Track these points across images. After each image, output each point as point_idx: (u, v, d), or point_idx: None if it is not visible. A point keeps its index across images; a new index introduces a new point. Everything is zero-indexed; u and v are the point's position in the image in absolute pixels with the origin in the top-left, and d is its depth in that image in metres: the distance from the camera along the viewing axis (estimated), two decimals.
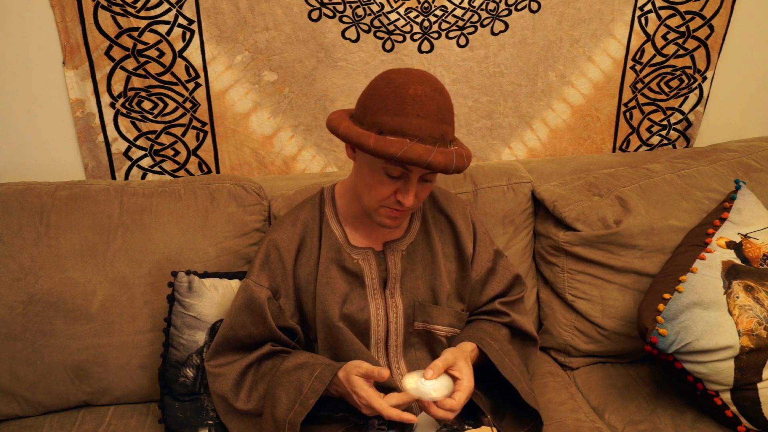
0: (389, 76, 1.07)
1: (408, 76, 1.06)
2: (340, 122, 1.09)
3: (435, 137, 1.03)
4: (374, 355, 1.23)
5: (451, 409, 1.05)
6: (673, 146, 1.91)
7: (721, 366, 1.25)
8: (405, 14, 1.58)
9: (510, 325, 1.31)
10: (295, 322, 1.23)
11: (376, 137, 1.03)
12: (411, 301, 1.24)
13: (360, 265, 1.22)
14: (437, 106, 1.04)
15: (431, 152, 1.01)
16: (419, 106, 1.02)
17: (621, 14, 1.69)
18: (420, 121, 1.02)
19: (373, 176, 1.11)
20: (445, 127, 1.06)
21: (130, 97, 1.56)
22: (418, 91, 1.03)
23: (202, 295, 1.33)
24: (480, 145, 1.77)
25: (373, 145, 1.02)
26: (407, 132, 1.02)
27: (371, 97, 1.07)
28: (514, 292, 1.35)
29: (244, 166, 1.69)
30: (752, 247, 1.40)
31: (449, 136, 1.07)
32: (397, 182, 1.09)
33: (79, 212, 1.41)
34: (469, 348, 1.17)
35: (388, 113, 1.03)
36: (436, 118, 1.04)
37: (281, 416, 1.08)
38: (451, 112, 1.08)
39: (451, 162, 1.03)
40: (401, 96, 1.03)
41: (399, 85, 1.04)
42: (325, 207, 1.26)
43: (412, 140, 1.02)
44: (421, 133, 1.02)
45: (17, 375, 1.35)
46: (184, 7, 1.50)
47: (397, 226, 1.18)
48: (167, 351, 1.33)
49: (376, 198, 1.12)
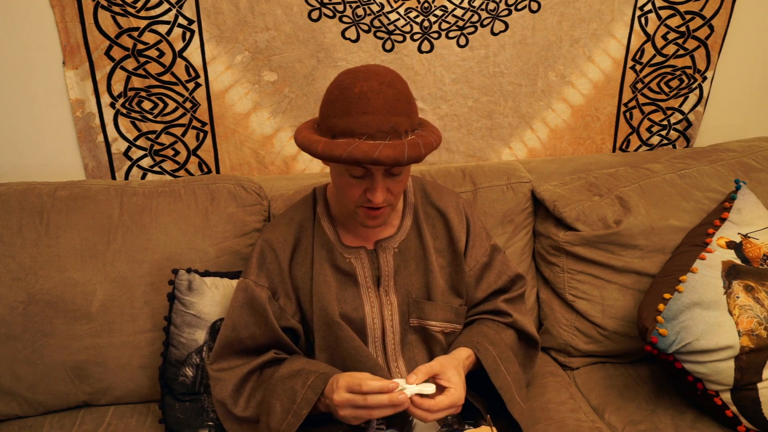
0: (339, 78, 1.08)
1: (355, 74, 1.06)
2: (301, 131, 1.10)
3: (384, 131, 1.03)
4: (372, 353, 1.23)
5: (427, 409, 1.03)
6: (673, 146, 1.91)
7: (721, 366, 1.25)
8: (405, 14, 1.58)
9: (512, 325, 1.30)
10: (297, 321, 1.23)
11: (325, 142, 1.03)
12: (405, 298, 1.23)
13: (352, 264, 1.22)
14: (384, 99, 1.03)
15: (377, 147, 1.01)
16: (365, 103, 1.03)
17: (621, 14, 1.69)
18: (366, 117, 1.02)
19: (341, 179, 1.12)
20: (396, 118, 1.04)
21: (130, 97, 1.56)
22: (363, 87, 1.03)
23: (203, 294, 1.33)
24: (480, 145, 1.77)
25: (321, 150, 1.03)
26: (355, 131, 1.03)
27: (325, 103, 1.09)
28: (514, 288, 1.33)
29: (244, 166, 1.69)
30: (752, 247, 1.40)
31: (403, 127, 1.06)
32: (364, 181, 1.10)
33: (79, 212, 1.41)
34: (464, 355, 1.15)
35: (337, 116, 1.04)
36: (384, 111, 1.03)
37: (275, 426, 1.08)
38: (404, 102, 1.07)
39: (401, 154, 1.02)
40: (348, 96, 1.04)
41: (346, 85, 1.05)
42: (317, 207, 1.26)
43: (360, 138, 1.02)
44: (369, 130, 1.02)
45: (17, 375, 1.35)
46: (184, 7, 1.50)
47: (378, 226, 1.18)
48: (167, 349, 1.33)
49: (349, 199, 1.13)
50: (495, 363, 1.17)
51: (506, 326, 1.29)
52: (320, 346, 1.22)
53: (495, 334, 1.25)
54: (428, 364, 1.09)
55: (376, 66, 1.10)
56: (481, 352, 1.17)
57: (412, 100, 1.10)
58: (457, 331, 1.28)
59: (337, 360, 1.20)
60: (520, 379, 1.21)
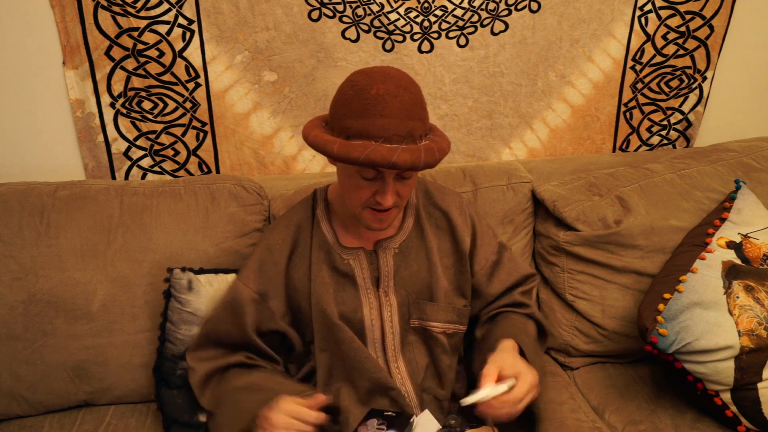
0: (354, 78, 1.08)
1: (371, 76, 1.05)
2: (311, 130, 1.09)
3: (401, 135, 1.03)
4: (373, 355, 1.22)
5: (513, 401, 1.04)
6: (673, 146, 1.91)
7: (721, 366, 1.25)
8: (405, 14, 1.58)
9: (531, 316, 1.30)
10: (287, 323, 1.23)
11: (340, 143, 1.03)
12: (405, 299, 1.23)
13: (351, 265, 1.22)
14: (401, 103, 1.03)
15: (395, 152, 1.01)
16: (382, 106, 1.02)
17: (621, 14, 1.69)
18: (384, 120, 1.02)
19: (350, 180, 1.11)
20: (412, 123, 1.05)
21: (130, 97, 1.56)
22: (380, 90, 1.03)
23: (198, 292, 1.34)
24: (480, 145, 1.77)
25: (337, 151, 1.02)
26: (372, 133, 1.02)
27: (338, 102, 1.08)
28: (527, 282, 1.34)
29: (244, 166, 1.69)
30: (752, 247, 1.40)
31: (418, 132, 1.06)
32: (374, 183, 1.10)
33: (80, 212, 1.41)
34: (510, 345, 1.15)
35: (352, 117, 1.03)
36: (402, 115, 1.03)
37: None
38: (420, 107, 1.07)
39: (418, 159, 1.02)
40: (364, 97, 1.03)
41: (362, 87, 1.04)
42: (317, 208, 1.26)
43: (377, 141, 1.02)
44: (386, 133, 1.02)
45: (18, 375, 1.35)
46: (184, 7, 1.50)
47: (384, 229, 1.18)
48: (163, 345, 1.34)
49: (356, 201, 1.13)
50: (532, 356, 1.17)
51: (527, 317, 1.29)
52: (320, 346, 1.22)
53: (524, 326, 1.25)
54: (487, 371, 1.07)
55: (389, 68, 1.09)
56: (523, 343, 1.17)
57: (425, 104, 1.10)
58: (461, 332, 1.29)
59: (338, 361, 1.21)
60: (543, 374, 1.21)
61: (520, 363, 1.09)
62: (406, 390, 1.21)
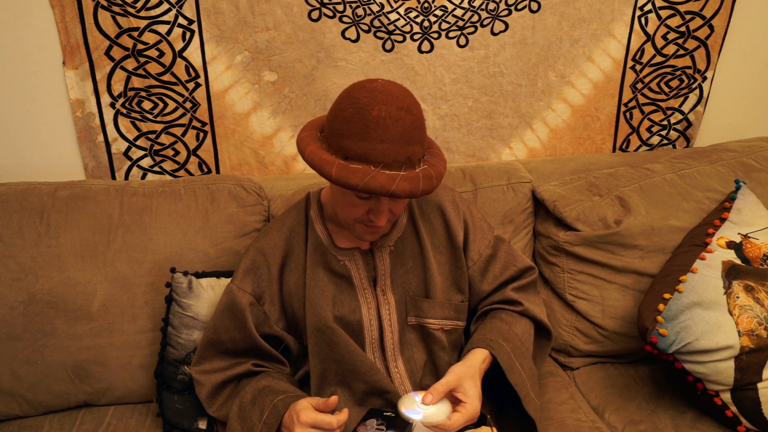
0: (354, 93, 1.04)
1: (373, 94, 1.02)
2: (307, 144, 1.07)
3: (400, 161, 1.02)
4: (370, 356, 1.22)
5: (444, 430, 1.03)
6: (673, 146, 1.91)
7: (721, 366, 1.25)
8: (405, 14, 1.58)
9: (524, 314, 1.27)
10: (281, 328, 1.23)
11: (339, 165, 1.01)
12: (403, 297, 1.23)
13: (347, 266, 1.22)
14: (403, 127, 1.01)
15: (394, 180, 1.00)
16: (383, 130, 1.00)
17: (621, 14, 1.69)
18: (384, 146, 1.00)
19: (345, 197, 1.10)
20: (412, 148, 1.03)
21: (130, 97, 1.56)
22: (382, 112, 1.00)
23: (200, 296, 1.34)
24: (480, 145, 1.77)
25: (335, 175, 1.00)
26: (371, 158, 1.00)
27: (337, 118, 1.05)
28: (523, 277, 1.31)
29: (244, 166, 1.69)
30: (752, 247, 1.40)
31: (417, 156, 1.05)
32: (369, 202, 1.09)
33: (80, 212, 1.41)
34: (480, 359, 1.14)
35: (352, 138, 1.01)
36: (402, 140, 1.01)
37: None
38: (420, 129, 1.06)
39: (416, 188, 1.01)
40: (365, 119, 1.00)
41: (362, 105, 1.01)
42: (310, 210, 1.25)
43: (376, 167, 1.00)
44: (385, 159, 1.01)
45: (18, 375, 1.35)
46: (184, 7, 1.50)
47: (376, 239, 1.18)
48: (164, 350, 1.34)
49: (349, 216, 1.12)
50: (510, 360, 1.15)
51: (519, 315, 1.27)
52: (312, 351, 1.21)
53: (508, 328, 1.22)
54: (444, 380, 1.07)
55: (392, 84, 1.06)
56: (496, 350, 1.15)
57: (425, 125, 1.09)
58: (459, 328, 1.28)
59: (330, 365, 1.20)
60: (534, 374, 1.20)
61: (472, 388, 1.07)
62: (405, 390, 1.21)
